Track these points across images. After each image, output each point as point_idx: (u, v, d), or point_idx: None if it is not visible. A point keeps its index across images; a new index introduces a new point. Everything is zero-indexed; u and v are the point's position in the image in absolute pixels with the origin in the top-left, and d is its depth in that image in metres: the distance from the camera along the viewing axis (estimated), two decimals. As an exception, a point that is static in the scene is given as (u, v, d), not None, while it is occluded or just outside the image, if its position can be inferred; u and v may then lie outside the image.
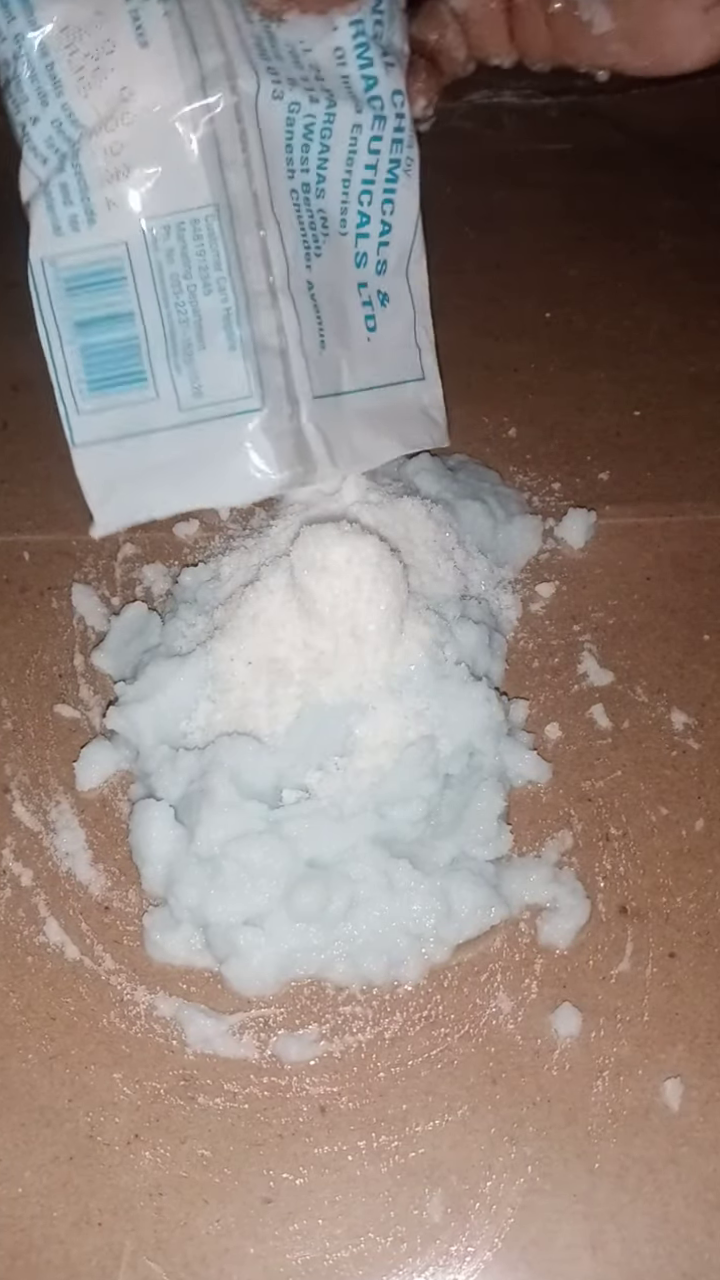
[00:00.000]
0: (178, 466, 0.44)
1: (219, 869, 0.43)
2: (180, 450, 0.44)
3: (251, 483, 0.45)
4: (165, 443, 0.44)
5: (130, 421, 0.44)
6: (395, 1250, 0.39)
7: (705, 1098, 0.41)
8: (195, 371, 0.44)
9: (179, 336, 0.43)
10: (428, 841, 0.45)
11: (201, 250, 0.42)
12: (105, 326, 0.43)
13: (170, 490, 0.45)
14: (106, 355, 0.43)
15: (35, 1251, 0.39)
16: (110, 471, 0.45)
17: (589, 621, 0.53)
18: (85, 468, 0.45)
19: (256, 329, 0.44)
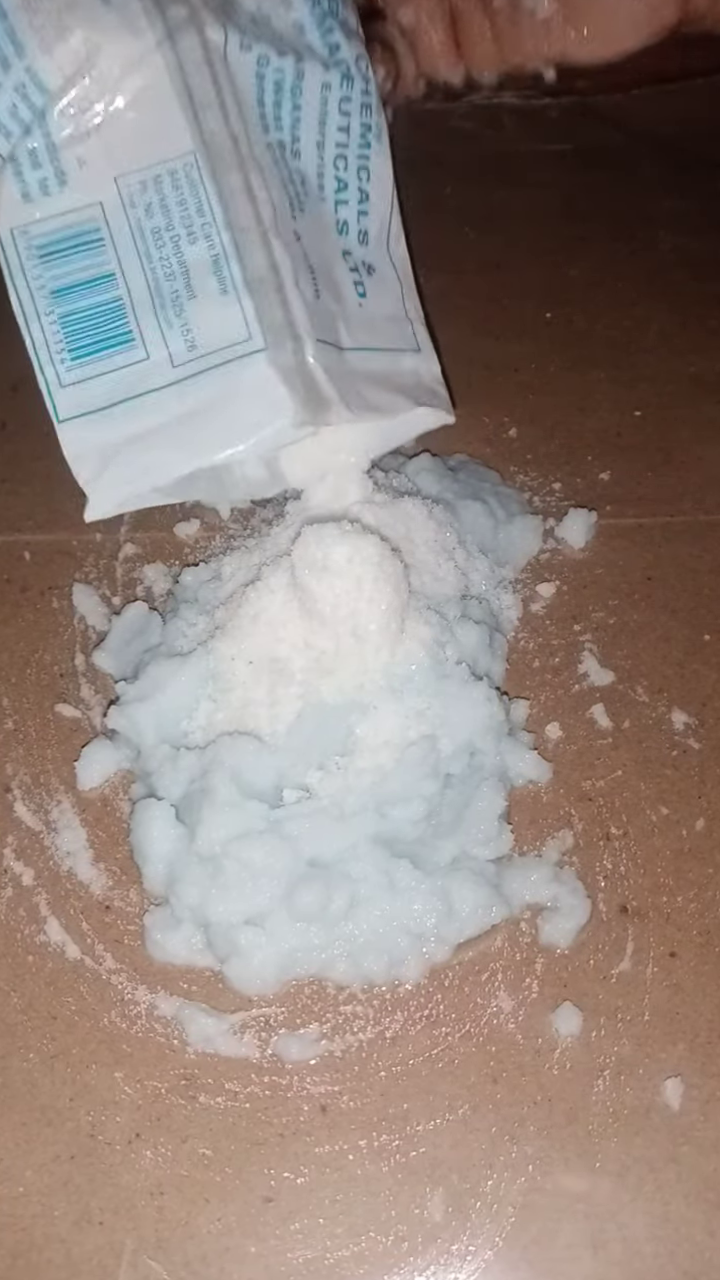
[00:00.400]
0: (178, 426, 0.42)
1: (220, 868, 0.43)
2: (178, 407, 0.42)
3: (261, 427, 0.42)
4: (160, 402, 0.42)
5: (119, 387, 0.42)
6: (396, 1249, 0.39)
7: (706, 1097, 0.41)
8: (187, 324, 0.42)
9: (165, 291, 0.42)
10: (429, 841, 0.45)
11: (183, 200, 0.41)
12: (85, 291, 0.42)
13: (171, 451, 0.43)
14: (88, 321, 0.42)
15: (36, 1250, 0.39)
16: (101, 444, 0.43)
17: (589, 621, 0.54)
18: (73, 443, 0.43)
19: (249, 266, 0.42)
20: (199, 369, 0.42)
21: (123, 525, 0.57)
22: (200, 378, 0.42)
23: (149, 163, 0.41)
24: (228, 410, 0.42)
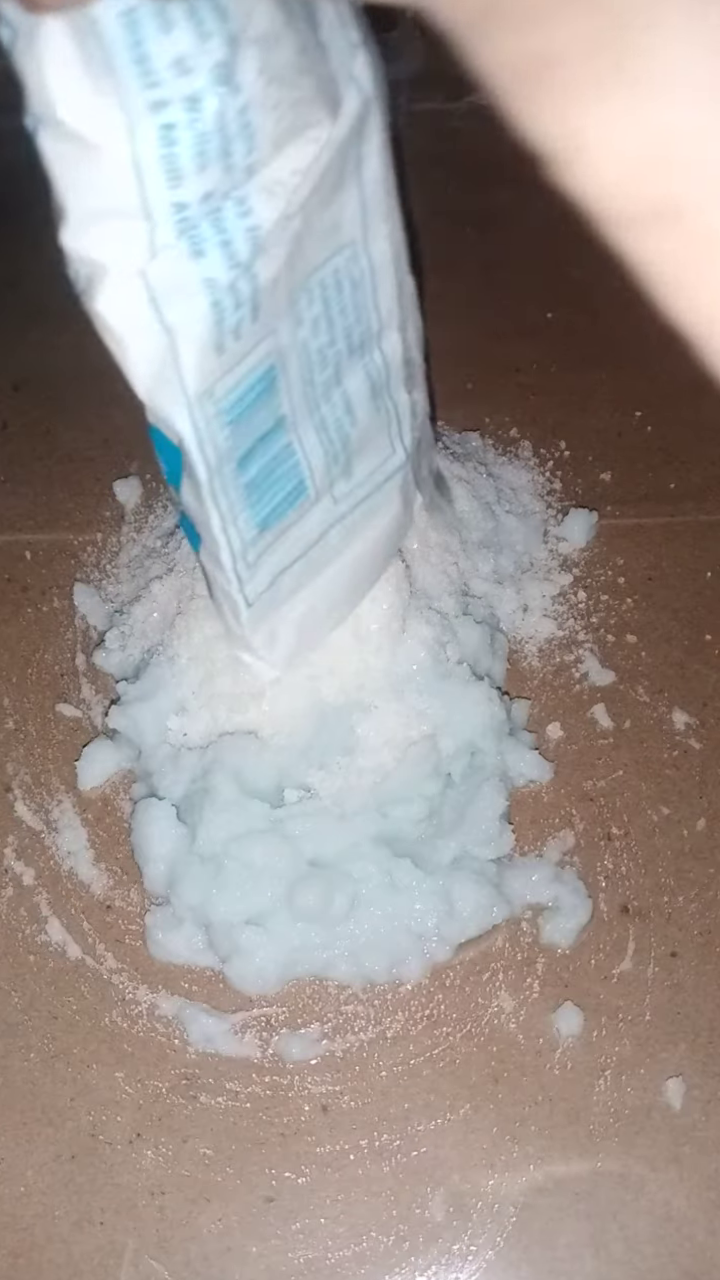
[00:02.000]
0: (347, 571, 0.40)
1: (221, 868, 0.43)
2: (346, 551, 0.40)
3: (402, 538, 0.41)
4: (328, 551, 0.39)
5: (297, 546, 0.38)
6: (397, 1249, 0.39)
7: (707, 1097, 0.41)
8: (351, 456, 0.37)
9: (330, 424, 0.36)
10: (430, 841, 0.45)
11: (344, 303, 0.34)
12: (262, 447, 0.34)
13: (343, 596, 0.41)
14: (266, 482, 0.36)
15: (37, 1250, 0.39)
16: (288, 629, 0.40)
17: (590, 621, 0.54)
18: (259, 628, 0.40)
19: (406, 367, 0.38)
20: (358, 500, 0.39)
21: (124, 525, 0.57)
22: (359, 509, 0.39)
23: (320, 260, 0.32)
24: (382, 536, 0.40)
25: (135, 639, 0.51)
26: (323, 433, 0.36)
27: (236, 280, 0.29)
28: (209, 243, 0.28)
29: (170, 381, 0.31)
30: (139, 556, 0.55)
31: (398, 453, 0.39)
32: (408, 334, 0.37)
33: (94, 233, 0.29)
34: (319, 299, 0.33)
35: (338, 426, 0.36)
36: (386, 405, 0.38)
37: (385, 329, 0.36)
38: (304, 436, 0.35)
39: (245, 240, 0.29)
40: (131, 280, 0.29)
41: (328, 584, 0.40)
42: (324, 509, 0.38)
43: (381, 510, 0.40)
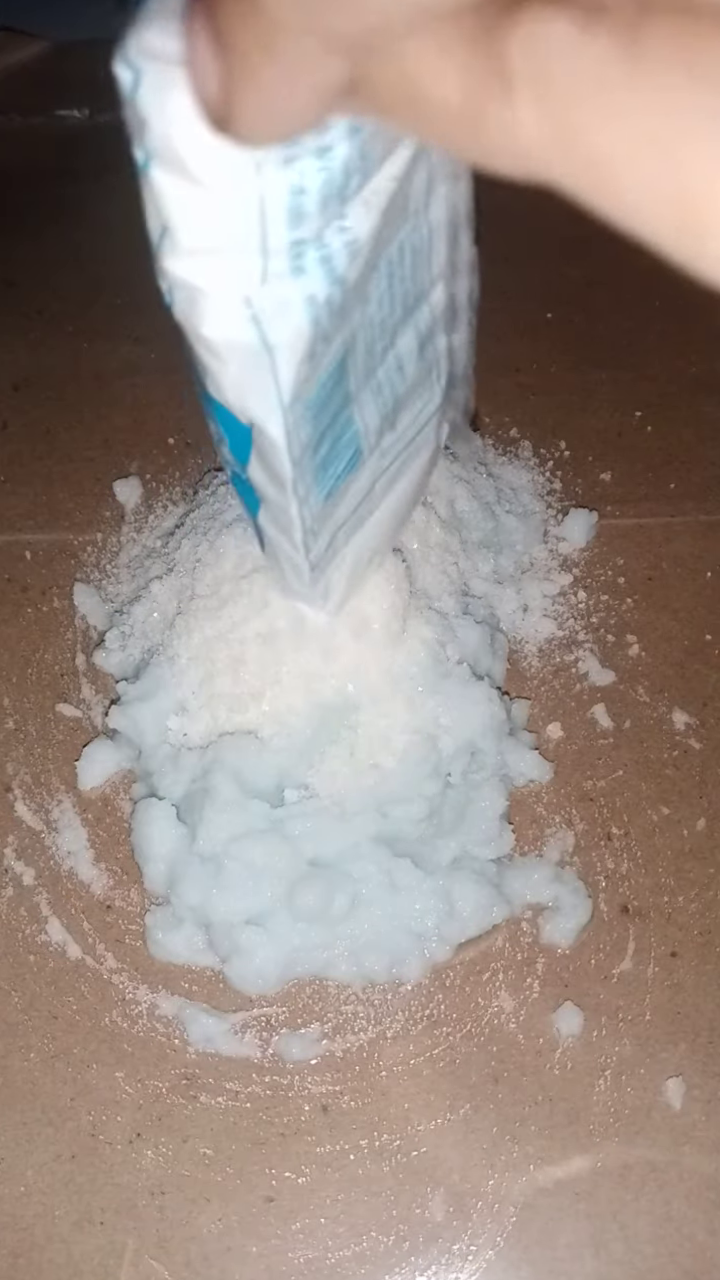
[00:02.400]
0: (386, 521, 0.41)
1: (221, 868, 0.43)
2: (387, 511, 0.40)
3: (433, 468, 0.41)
4: (374, 513, 0.40)
5: (349, 521, 0.39)
6: (398, 1249, 0.39)
7: (707, 1097, 0.41)
8: (400, 415, 0.37)
9: (382, 382, 0.36)
10: (430, 840, 0.45)
11: (404, 271, 0.33)
12: (332, 427, 0.34)
13: (381, 548, 0.42)
14: (332, 456, 0.35)
15: (38, 1250, 0.39)
16: (340, 578, 0.41)
17: (590, 621, 0.54)
18: (320, 594, 0.41)
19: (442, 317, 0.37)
20: (400, 450, 0.39)
21: (124, 525, 0.57)
22: (400, 457, 0.39)
23: (389, 239, 0.32)
24: (418, 475, 0.41)
25: (135, 639, 0.51)
26: (378, 397, 0.36)
27: (332, 293, 0.30)
28: (310, 260, 0.29)
29: (266, 392, 0.32)
30: (139, 556, 0.55)
31: (435, 396, 0.39)
32: (455, 282, 0.37)
33: (202, 262, 0.29)
34: (385, 275, 0.33)
35: (390, 387, 0.37)
36: (430, 355, 0.38)
37: (434, 284, 0.36)
38: (363, 406, 0.36)
39: (344, 254, 0.29)
40: (236, 305, 0.29)
41: (372, 530, 0.41)
42: (372, 465, 0.38)
43: (420, 453, 0.41)
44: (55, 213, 0.73)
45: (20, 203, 0.74)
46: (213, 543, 0.50)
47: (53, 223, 0.72)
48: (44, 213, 0.73)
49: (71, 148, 0.76)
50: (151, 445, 0.60)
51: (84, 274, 0.69)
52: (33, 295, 0.68)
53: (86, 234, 0.70)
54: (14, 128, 0.79)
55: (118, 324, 0.66)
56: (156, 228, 0.29)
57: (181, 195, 0.27)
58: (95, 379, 0.64)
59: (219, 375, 0.32)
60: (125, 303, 0.67)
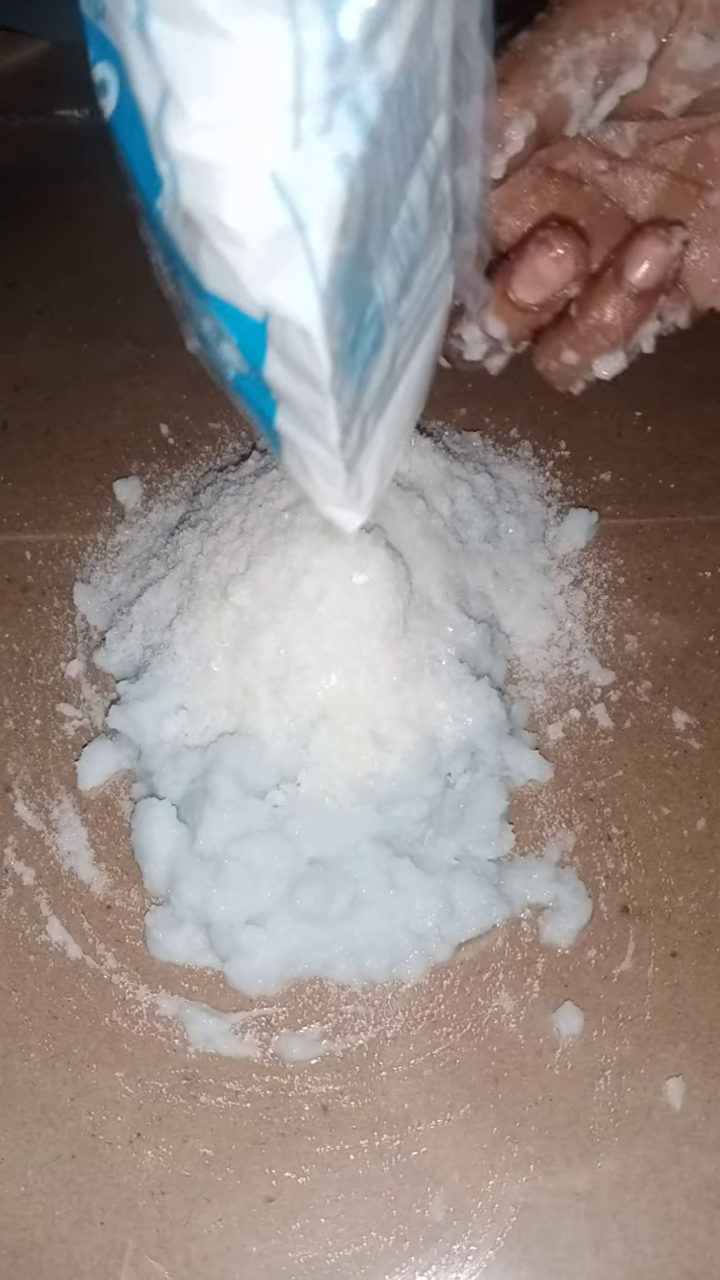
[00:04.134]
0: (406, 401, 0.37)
1: (221, 868, 0.43)
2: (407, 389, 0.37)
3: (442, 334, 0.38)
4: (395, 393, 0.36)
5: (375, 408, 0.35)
6: (397, 1249, 0.39)
7: (707, 1097, 0.41)
8: (413, 268, 0.34)
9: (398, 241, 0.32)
10: (430, 840, 0.45)
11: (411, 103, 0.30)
12: (358, 306, 0.31)
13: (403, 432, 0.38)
14: (359, 339, 0.32)
15: (38, 1250, 0.39)
16: (371, 474, 0.37)
17: (590, 622, 0.54)
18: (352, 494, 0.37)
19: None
20: (415, 315, 0.35)
21: (124, 525, 0.57)
22: (415, 323, 0.36)
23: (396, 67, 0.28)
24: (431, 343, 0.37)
25: (135, 639, 0.51)
26: (395, 261, 0.32)
27: (366, 150, 0.26)
28: (342, 111, 0.25)
29: (298, 278, 0.27)
30: (139, 556, 0.55)
31: (444, 248, 0.35)
32: (459, 107, 0.33)
33: (221, 133, 0.25)
34: (395, 110, 0.29)
35: (405, 246, 0.33)
36: (438, 200, 0.34)
37: (438, 113, 0.32)
38: (383, 274, 0.32)
39: (373, 97, 0.25)
40: (262, 179, 0.25)
41: (396, 412, 0.37)
42: (392, 338, 0.34)
43: (433, 317, 0.37)
44: (55, 213, 0.73)
45: (20, 203, 0.74)
46: (213, 542, 0.50)
47: (53, 223, 0.72)
48: (44, 213, 0.73)
49: (71, 148, 0.76)
50: (151, 445, 0.60)
51: (84, 274, 0.69)
52: (33, 295, 0.68)
53: (86, 234, 0.70)
54: (14, 128, 0.80)
55: (118, 324, 0.66)
56: (151, 99, 0.25)
57: (193, 53, 0.24)
58: (95, 379, 0.64)
59: (237, 265, 0.28)
60: (125, 303, 0.67)
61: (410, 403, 0.38)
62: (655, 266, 0.37)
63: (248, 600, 0.46)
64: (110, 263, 0.67)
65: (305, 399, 0.32)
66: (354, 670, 0.45)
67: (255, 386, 0.33)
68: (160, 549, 0.54)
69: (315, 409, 0.32)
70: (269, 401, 0.33)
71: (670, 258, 0.37)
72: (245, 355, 0.32)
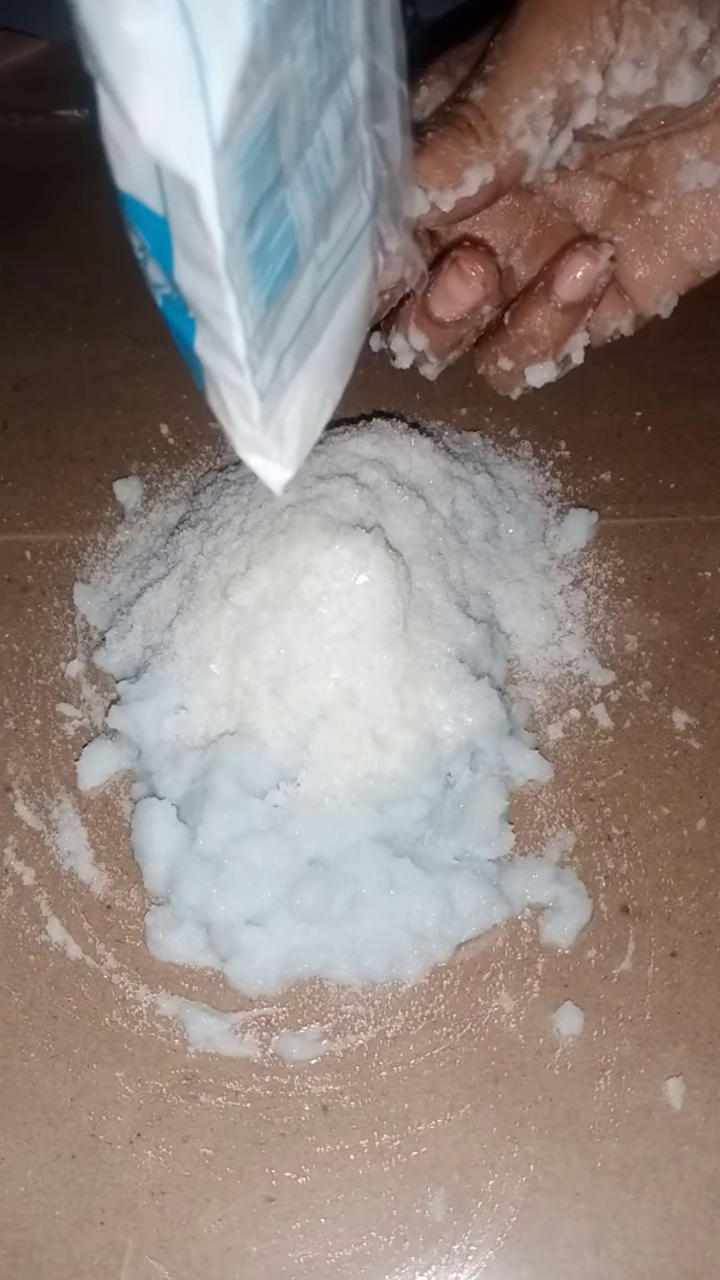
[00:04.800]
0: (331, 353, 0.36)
1: (221, 868, 0.43)
2: (332, 339, 0.36)
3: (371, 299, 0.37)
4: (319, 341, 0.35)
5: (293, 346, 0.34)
6: (398, 1249, 0.39)
7: (707, 1097, 0.41)
8: (330, 208, 0.34)
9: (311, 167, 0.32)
10: (430, 840, 0.45)
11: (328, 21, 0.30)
12: (265, 207, 0.30)
13: (330, 389, 0.37)
14: (267, 248, 0.31)
15: (38, 1250, 0.39)
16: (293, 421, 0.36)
17: (590, 621, 0.54)
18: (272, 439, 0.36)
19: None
20: (336, 264, 0.35)
21: (124, 525, 0.57)
22: (338, 273, 0.35)
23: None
24: (358, 303, 0.37)
25: (135, 639, 0.51)
26: (309, 185, 0.32)
27: (273, 4, 0.26)
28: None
29: (191, 123, 0.27)
30: (139, 556, 0.55)
31: (364, 204, 0.36)
32: (378, 55, 0.34)
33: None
34: (312, 21, 0.29)
35: (320, 176, 0.33)
36: (355, 147, 0.34)
37: (352, 57, 0.33)
38: (296, 192, 0.32)
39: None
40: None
41: (318, 363, 0.37)
42: (310, 277, 0.34)
43: (357, 272, 0.37)
44: (55, 213, 0.73)
45: (20, 203, 0.74)
46: (213, 542, 0.50)
47: (53, 223, 0.72)
48: (44, 213, 0.73)
49: (71, 148, 0.76)
50: (151, 445, 0.60)
51: (84, 274, 0.69)
52: (33, 295, 0.68)
53: (86, 234, 0.70)
54: (14, 128, 0.80)
55: (118, 324, 0.66)
56: None
57: None
58: (95, 379, 0.64)
59: (131, 104, 0.27)
60: (125, 303, 0.67)
61: (336, 358, 0.37)
62: (581, 282, 0.39)
63: (248, 600, 0.46)
64: (110, 263, 0.67)
65: (210, 300, 0.31)
66: (354, 670, 0.45)
67: (175, 305, 0.32)
68: (160, 549, 0.54)
69: (216, 310, 0.31)
70: (188, 320, 0.33)
71: (596, 274, 0.39)
72: (159, 262, 0.31)
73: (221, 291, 0.30)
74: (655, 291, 0.42)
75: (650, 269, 0.42)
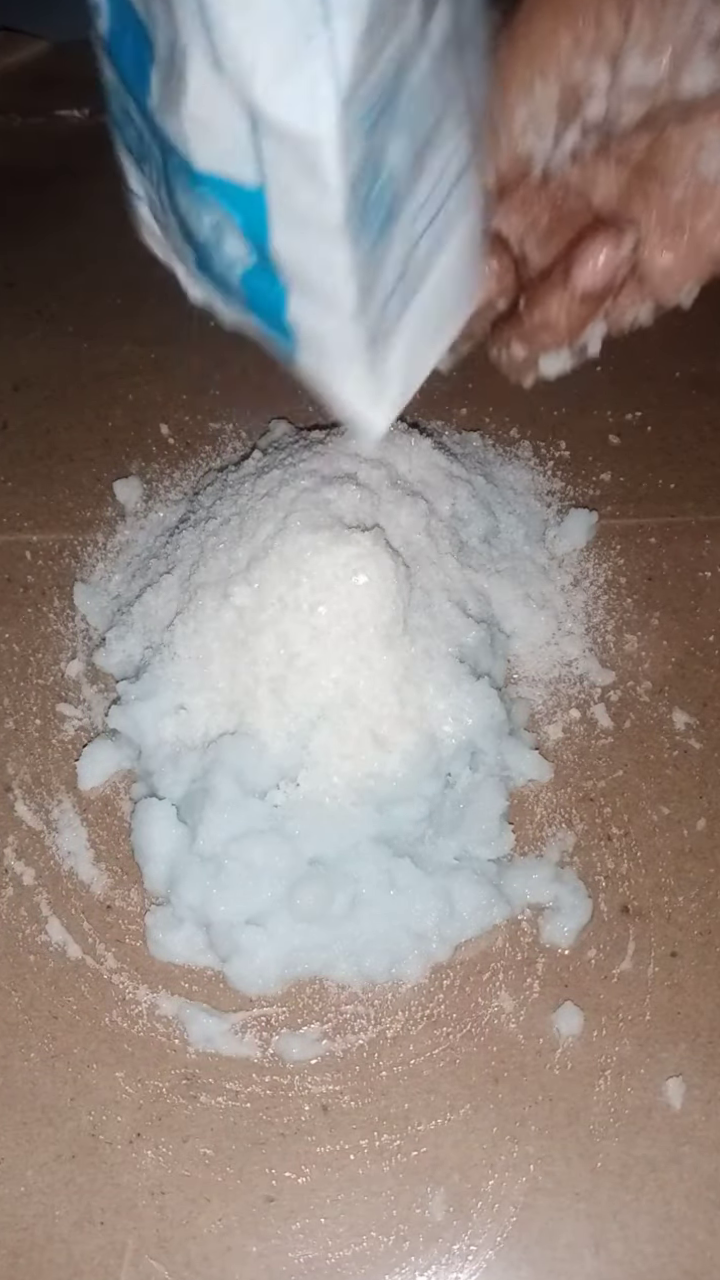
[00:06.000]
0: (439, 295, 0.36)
1: (221, 868, 0.43)
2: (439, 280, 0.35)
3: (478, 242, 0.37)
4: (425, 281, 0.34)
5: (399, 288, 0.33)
6: (398, 1249, 0.39)
7: (707, 1097, 0.41)
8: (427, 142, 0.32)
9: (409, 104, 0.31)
10: (430, 840, 0.45)
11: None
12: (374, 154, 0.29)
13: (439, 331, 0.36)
14: (372, 196, 0.30)
15: (38, 1250, 0.39)
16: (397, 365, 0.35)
17: (590, 621, 0.54)
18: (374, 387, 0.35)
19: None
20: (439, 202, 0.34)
21: (124, 525, 0.57)
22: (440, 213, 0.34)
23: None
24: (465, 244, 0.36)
25: (135, 639, 0.51)
26: (406, 129, 0.31)
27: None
28: None
29: (320, 82, 0.25)
30: (139, 556, 0.55)
31: (462, 147, 0.34)
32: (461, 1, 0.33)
33: None
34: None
35: (415, 119, 0.31)
36: (448, 85, 0.33)
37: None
38: (394, 137, 0.30)
39: None
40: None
41: (423, 308, 0.36)
42: (409, 218, 0.33)
43: (460, 216, 0.36)
44: (55, 213, 0.73)
45: (20, 203, 0.74)
46: (213, 542, 0.50)
47: (53, 223, 0.72)
48: (44, 213, 0.73)
49: (71, 148, 0.76)
50: (151, 445, 0.60)
51: (84, 274, 0.69)
52: (33, 295, 0.68)
53: (86, 234, 0.70)
54: (14, 128, 0.80)
55: (118, 324, 0.66)
56: None
57: None
58: (95, 379, 0.64)
59: (246, 61, 0.25)
60: (125, 303, 0.67)
61: (443, 303, 0.36)
62: (602, 270, 0.37)
63: (248, 600, 0.46)
64: (110, 263, 0.67)
65: (316, 257, 0.30)
66: (354, 670, 0.45)
67: (262, 278, 0.32)
68: (160, 549, 0.54)
69: (327, 265, 0.30)
70: (279, 289, 0.32)
71: (618, 261, 0.37)
72: (248, 235, 0.30)
73: (336, 247, 0.29)
74: (676, 280, 0.40)
75: (671, 256, 0.39)
